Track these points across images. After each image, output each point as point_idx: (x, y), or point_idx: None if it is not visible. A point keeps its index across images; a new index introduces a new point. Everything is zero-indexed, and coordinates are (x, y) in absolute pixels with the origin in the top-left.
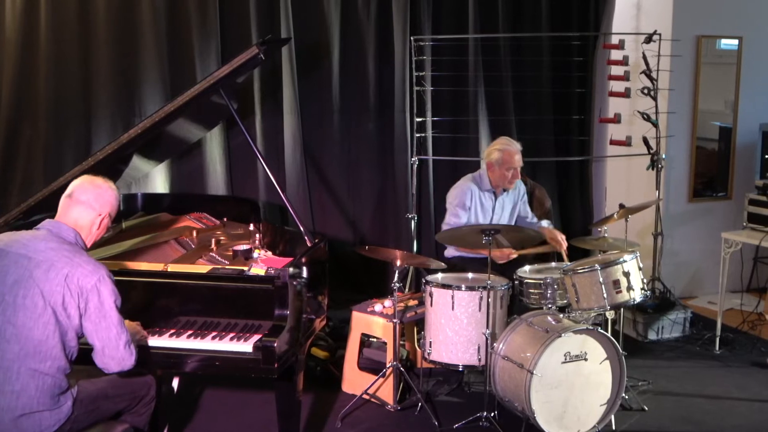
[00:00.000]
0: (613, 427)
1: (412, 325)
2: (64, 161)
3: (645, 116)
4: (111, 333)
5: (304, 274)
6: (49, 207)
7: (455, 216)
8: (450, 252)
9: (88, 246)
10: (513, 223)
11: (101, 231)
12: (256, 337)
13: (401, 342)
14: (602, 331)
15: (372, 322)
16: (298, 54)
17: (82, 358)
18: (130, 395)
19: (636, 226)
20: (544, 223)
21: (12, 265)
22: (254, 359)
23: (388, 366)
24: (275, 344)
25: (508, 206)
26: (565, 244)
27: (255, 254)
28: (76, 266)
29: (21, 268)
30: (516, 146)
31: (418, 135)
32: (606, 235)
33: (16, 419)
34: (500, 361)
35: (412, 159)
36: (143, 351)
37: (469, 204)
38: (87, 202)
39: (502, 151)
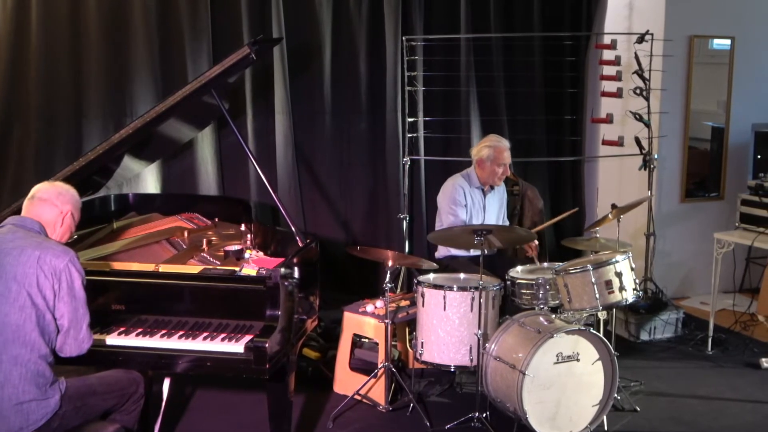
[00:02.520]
0: (605, 428)
1: (404, 326)
2: (55, 162)
3: (637, 116)
4: (78, 313)
5: (296, 274)
6: None
7: (453, 214)
8: (442, 252)
9: None
10: (501, 221)
11: (65, 230)
12: (248, 337)
13: (393, 342)
14: (594, 331)
15: (363, 322)
16: (290, 54)
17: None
18: (119, 393)
19: (628, 226)
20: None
21: None
22: (246, 360)
23: (379, 366)
24: (267, 345)
25: (496, 204)
26: (534, 244)
27: (246, 255)
28: (46, 249)
29: None
30: (505, 143)
31: (409, 135)
32: (598, 235)
33: (3, 411)
34: (492, 361)
35: (404, 159)
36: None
37: (464, 201)
38: (48, 199)
39: (493, 147)
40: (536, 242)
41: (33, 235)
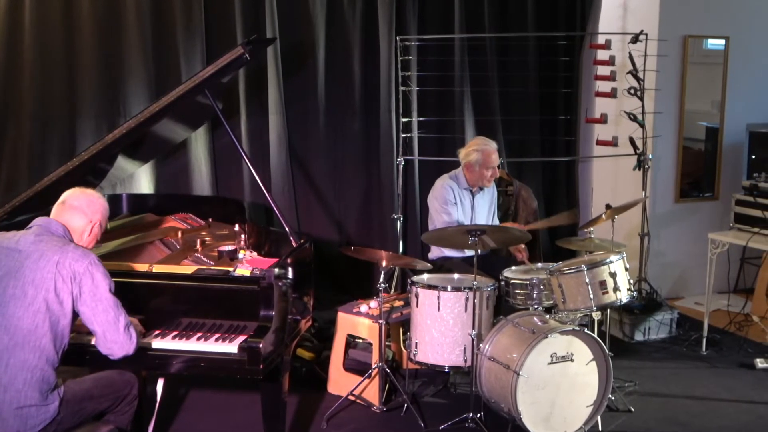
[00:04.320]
0: (600, 428)
1: (398, 326)
2: (48, 161)
3: (631, 116)
4: (109, 316)
5: (290, 274)
6: (33, 207)
7: (447, 214)
8: (435, 253)
9: None
10: (491, 222)
11: (92, 239)
12: (242, 338)
13: (387, 343)
14: (588, 332)
15: (357, 323)
16: (284, 54)
17: (70, 358)
18: (114, 395)
19: (623, 226)
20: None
21: (2, 258)
22: (239, 360)
23: (373, 367)
24: (260, 345)
25: (486, 205)
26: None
27: (240, 255)
28: (66, 252)
29: (11, 260)
30: (493, 145)
31: (403, 135)
32: (592, 235)
33: (2, 414)
34: (486, 362)
35: (398, 159)
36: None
37: (454, 200)
38: (79, 207)
39: (481, 151)
40: (524, 246)
41: (56, 240)
